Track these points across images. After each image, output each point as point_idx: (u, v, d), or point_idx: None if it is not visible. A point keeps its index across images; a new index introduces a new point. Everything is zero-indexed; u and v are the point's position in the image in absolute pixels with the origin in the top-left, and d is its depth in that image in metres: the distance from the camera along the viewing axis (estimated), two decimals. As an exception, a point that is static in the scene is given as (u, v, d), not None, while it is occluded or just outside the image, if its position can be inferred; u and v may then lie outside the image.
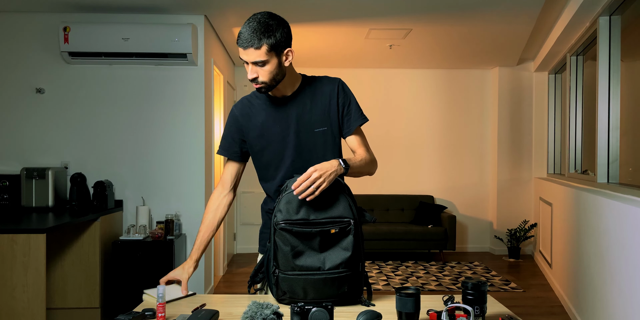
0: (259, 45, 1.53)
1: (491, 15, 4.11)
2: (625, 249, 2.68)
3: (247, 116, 1.73)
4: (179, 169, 4.07)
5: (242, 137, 1.75)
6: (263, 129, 1.71)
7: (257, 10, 3.97)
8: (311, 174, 1.47)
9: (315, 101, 1.71)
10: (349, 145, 1.77)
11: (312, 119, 1.70)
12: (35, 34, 3.99)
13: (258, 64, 1.56)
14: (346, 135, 1.75)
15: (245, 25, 1.54)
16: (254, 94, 1.77)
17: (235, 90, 6.19)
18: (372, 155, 1.75)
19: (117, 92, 4.04)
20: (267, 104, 1.72)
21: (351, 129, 1.74)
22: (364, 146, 1.76)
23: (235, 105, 1.78)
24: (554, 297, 4.41)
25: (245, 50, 1.54)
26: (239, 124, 1.74)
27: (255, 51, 1.53)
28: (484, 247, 6.52)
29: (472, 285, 1.39)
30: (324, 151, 1.71)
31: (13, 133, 3.99)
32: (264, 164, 1.74)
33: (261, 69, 1.57)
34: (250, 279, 1.67)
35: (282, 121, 1.70)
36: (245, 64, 1.59)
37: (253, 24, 1.52)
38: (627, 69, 3.51)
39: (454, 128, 6.50)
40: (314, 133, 1.70)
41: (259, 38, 1.52)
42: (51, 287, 3.56)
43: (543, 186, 5.48)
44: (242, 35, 1.53)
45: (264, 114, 1.72)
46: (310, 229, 1.49)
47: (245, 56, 1.55)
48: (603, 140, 3.48)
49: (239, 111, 1.75)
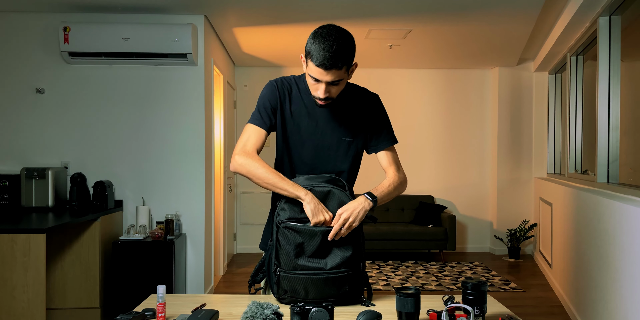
0: (341, 66, 1.50)
1: (491, 15, 4.11)
2: (625, 249, 2.68)
3: (284, 96, 1.69)
4: (179, 169, 4.07)
5: (276, 110, 1.68)
6: (294, 116, 1.68)
7: (257, 10, 3.96)
8: (341, 218, 1.49)
9: (350, 111, 1.69)
10: (380, 161, 1.75)
11: (343, 127, 1.69)
12: (35, 34, 3.99)
13: (334, 83, 1.54)
14: (371, 152, 1.75)
15: (323, 44, 1.47)
16: (293, 79, 1.71)
17: (235, 90, 6.19)
18: (402, 175, 1.73)
19: (117, 92, 4.04)
20: (305, 97, 1.69)
21: (377, 148, 1.73)
22: (395, 165, 1.74)
23: (276, 80, 1.71)
24: (554, 297, 4.41)
25: (327, 71, 1.50)
26: (277, 99, 1.68)
27: (337, 72, 1.51)
28: (484, 247, 6.52)
29: (472, 285, 1.39)
30: (342, 160, 1.70)
31: (13, 133, 3.99)
32: (280, 148, 1.71)
33: (334, 87, 1.56)
34: (251, 279, 1.67)
35: (313, 119, 1.68)
36: (314, 81, 1.54)
37: (334, 45, 1.47)
38: (627, 69, 3.51)
39: (454, 128, 6.50)
40: (339, 140, 1.69)
41: (343, 59, 1.49)
42: (51, 287, 3.56)
43: (543, 186, 5.48)
44: (323, 56, 1.47)
45: (300, 104, 1.68)
46: (314, 227, 1.49)
47: (324, 77, 1.51)
48: (603, 140, 3.48)
49: (279, 87, 1.69)
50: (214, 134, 4.57)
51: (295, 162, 1.70)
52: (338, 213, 1.50)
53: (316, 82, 1.54)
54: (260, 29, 4.53)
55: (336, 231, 1.49)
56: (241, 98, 6.25)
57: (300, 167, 1.69)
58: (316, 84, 1.55)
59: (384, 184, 1.66)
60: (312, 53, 1.50)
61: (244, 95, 6.26)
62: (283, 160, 1.71)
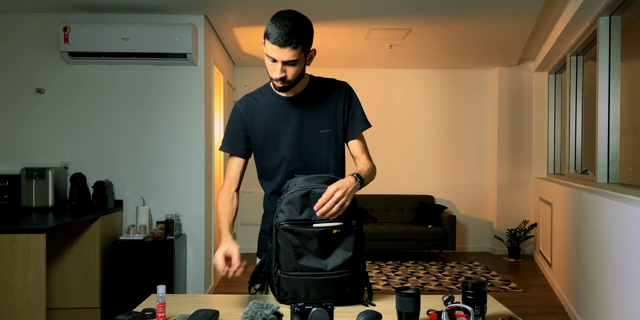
0: (296, 44, 1.51)
1: (491, 15, 4.11)
2: (625, 249, 2.68)
3: (251, 113, 1.72)
4: (179, 169, 4.07)
5: (246, 133, 1.74)
6: (267, 126, 1.70)
7: (257, 10, 3.97)
8: (333, 193, 1.45)
9: (322, 103, 1.71)
10: (351, 150, 1.77)
11: (317, 120, 1.70)
12: (35, 34, 3.99)
13: (289, 63, 1.55)
14: (349, 140, 1.76)
15: (279, 23, 1.50)
16: (258, 91, 1.76)
17: (235, 90, 6.19)
18: (372, 163, 1.75)
19: (117, 92, 4.04)
20: (272, 102, 1.71)
21: (354, 133, 1.74)
22: (366, 153, 1.77)
23: (240, 101, 1.77)
24: (554, 297, 4.41)
25: (282, 49, 1.51)
26: (243, 121, 1.73)
27: (291, 50, 1.52)
28: (484, 247, 6.52)
29: (472, 285, 1.39)
30: (327, 153, 1.71)
31: (13, 133, 3.99)
32: (266, 162, 1.74)
33: (290, 68, 1.56)
34: (251, 279, 1.66)
35: (287, 120, 1.69)
36: (271, 61, 1.56)
37: (289, 23, 1.50)
38: (627, 69, 3.51)
39: (454, 128, 6.50)
40: (318, 134, 1.70)
41: (297, 38, 1.50)
42: (51, 287, 3.56)
43: (543, 186, 5.48)
44: (278, 33, 1.49)
45: (268, 112, 1.71)
46: (313, 229, 1.49)
47: (279, 55, 1.52)
48: (603, 140, 3.48)
49: (243, 108, 1.74)
50: (214, 134, 4.57)
51: (283, 165, 1.70)
52: (330, 189, 1.45)
53: (273, 62, 1.56)
54: (260, 29, 4.53)
55: (328, 208, 1.44)
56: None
57: (290, 167, 1.70)
58: (273, 64, 1.56)
59: (364, 168, 1.67)
60: (269, 32, 1.52)
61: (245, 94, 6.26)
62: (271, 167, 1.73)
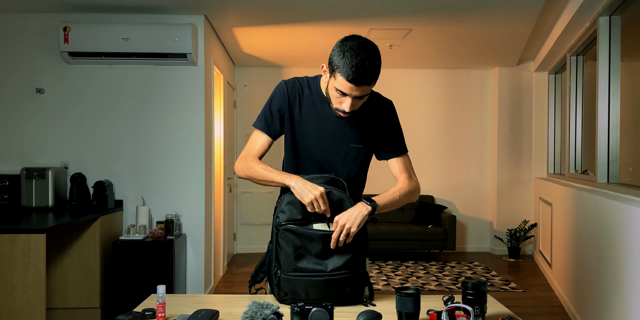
0: (371, 82, 1.48)
1: (491, 15, 4.11)
2: (625, 249, 2.68)
3: (294, 98, 1.66)
4: (179, 169, 4.06)
5: (283, 113, 1.67)
6: (303, 119, 1.66)
7: (257, 10, 3.96)
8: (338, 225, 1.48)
9: (361, 117, 1.66)
10: (391, 169, 1.74)
11: (353, 133, 1.66)
12: (35, 34, 3.98)
13: (360, 97, 1.51)
14: (384, 159, 1.73)
15: (355, 59, 1.43)
16: (306, 82, 1.69)
17: (235, 90, 6.19)
18: (414, 183, 1.71)
19: (117, 92, 4.04)
20: (316, 100, 1.66)
21: (388, 156, 1.72)
22: (407, 173, 1.72)
23: (287, 82, 1.68)
24: (554, 297, 4.41)
25: (358, 87, 1.46)
26: (286, 102, 1.66)
27: (366, 87, 1.48)
28: (484, 247, 6.52)
29: (472, 285, 1.39)
30: (350, 166, 1.68)
31: (13, 133, 3.99)
32: (288, 150, 1.69)
33: (360, 100, 1.54)
34: (251, 279, 1.66)
35: (324, 124, 1.65)
36: (340, 94, 1.50)
37: (366, 63, 1.43)
38: (627, 69, 3.51)
39: (454, 128, 6.50)
40: (349, 147, 1.66)
41: (374, 76, 1.46)
42: (51, 287, 3.56)
43: (543, 186, 5.48)
44: (356, 73, 1.43)
45: (310, 107, 1.66)
46: (315, 231, 1.49)
47: (353, 91, 1.47)
48: (603, 140, 3.48)
49: (290, 90, 1.66)
50: (214, 134, 4.57)
51: (303, 165, 1.68)
52: (335, 220, 1.49)
53: (342, 95, 1.51)
54: (260, 29, 4.53)
55: (335, 239, 1.48)
56: (241, 98, 6.25)
57: (308, 169, 1.68)
58: (341, 97, 1.51)
59: (390, 191, 1.64)
60: (341, 67, 1.45)
61: (244, 95, 6.26)
62: (291, 162, 1.69)
